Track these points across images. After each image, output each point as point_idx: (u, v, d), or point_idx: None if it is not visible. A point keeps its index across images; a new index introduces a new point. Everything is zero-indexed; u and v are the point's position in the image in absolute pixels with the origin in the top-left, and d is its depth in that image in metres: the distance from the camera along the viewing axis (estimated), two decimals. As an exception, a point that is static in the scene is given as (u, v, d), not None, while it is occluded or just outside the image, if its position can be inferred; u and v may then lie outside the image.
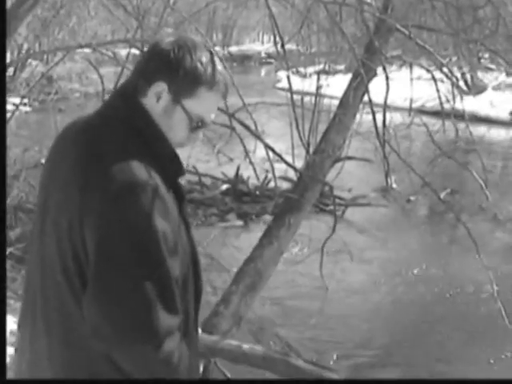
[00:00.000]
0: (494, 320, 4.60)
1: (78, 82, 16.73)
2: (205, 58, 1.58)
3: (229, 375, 4.09)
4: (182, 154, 1.66)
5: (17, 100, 8.46)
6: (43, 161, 1.80)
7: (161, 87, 1.57)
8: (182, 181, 1.69)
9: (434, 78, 6.18)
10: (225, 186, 8.73)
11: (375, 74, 5.79)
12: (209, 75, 1.57)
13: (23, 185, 6.81)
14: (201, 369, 2.13)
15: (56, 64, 8.40)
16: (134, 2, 5.89)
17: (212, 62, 1.59)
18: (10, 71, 11.72)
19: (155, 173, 1.51)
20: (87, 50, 8.79)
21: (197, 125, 1.61)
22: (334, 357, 4.84)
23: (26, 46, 11.65)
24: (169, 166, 1.59)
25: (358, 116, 6.30)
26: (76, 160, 1.54)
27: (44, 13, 10.29)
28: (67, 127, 1.69)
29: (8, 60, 7.95)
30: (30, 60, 11.43)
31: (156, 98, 1.57)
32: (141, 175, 1.47)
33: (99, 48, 5.19)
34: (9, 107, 7.86)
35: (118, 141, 1.54)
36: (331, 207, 7.29)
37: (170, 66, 1.55)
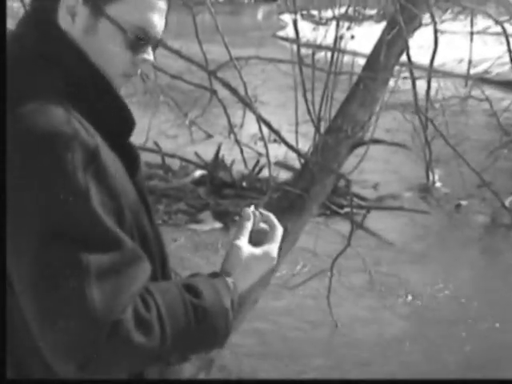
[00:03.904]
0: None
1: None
2: None
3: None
4: (138, 123, 1.42)
5: None
6: None
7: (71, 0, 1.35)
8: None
9: (505, 33, 5.32)
10: (199, 173, 8.06)
11: (419, 25, 5.13)
12: None
13: None
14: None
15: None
16: None
17: None
18: None
19: (88, 123, 1.29)
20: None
21: (138, 39, 1.36)
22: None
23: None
24: (110, 113, 1.37)
25: (391, 82, 5.51)
26: None
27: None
28: None
29: None
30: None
31: (70, 16, 1.35)
32: (64, 126, 1.25)
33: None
34: None
35: (32, 82, 1.32)
36: (347, 210, 6.77)
37: None
